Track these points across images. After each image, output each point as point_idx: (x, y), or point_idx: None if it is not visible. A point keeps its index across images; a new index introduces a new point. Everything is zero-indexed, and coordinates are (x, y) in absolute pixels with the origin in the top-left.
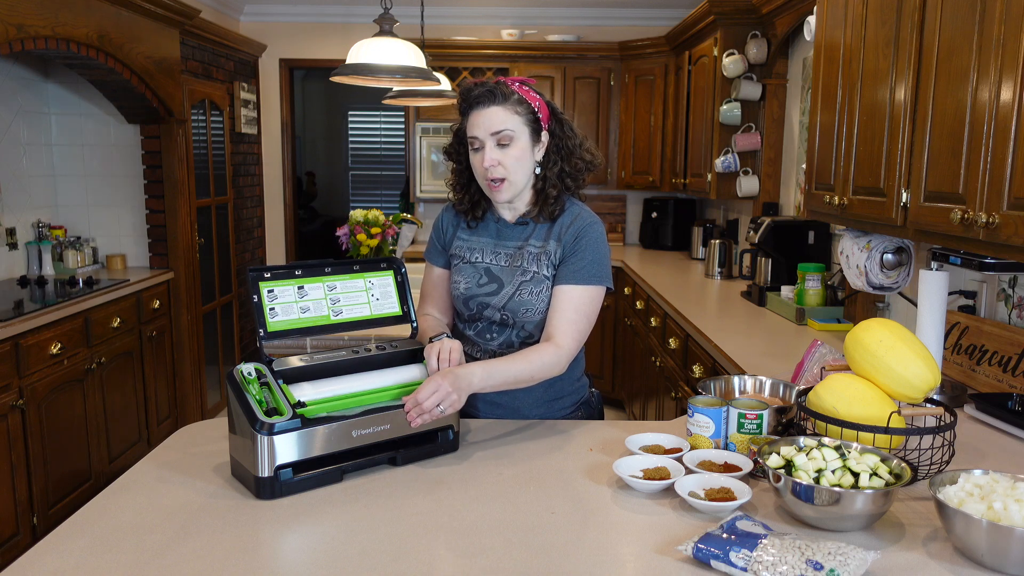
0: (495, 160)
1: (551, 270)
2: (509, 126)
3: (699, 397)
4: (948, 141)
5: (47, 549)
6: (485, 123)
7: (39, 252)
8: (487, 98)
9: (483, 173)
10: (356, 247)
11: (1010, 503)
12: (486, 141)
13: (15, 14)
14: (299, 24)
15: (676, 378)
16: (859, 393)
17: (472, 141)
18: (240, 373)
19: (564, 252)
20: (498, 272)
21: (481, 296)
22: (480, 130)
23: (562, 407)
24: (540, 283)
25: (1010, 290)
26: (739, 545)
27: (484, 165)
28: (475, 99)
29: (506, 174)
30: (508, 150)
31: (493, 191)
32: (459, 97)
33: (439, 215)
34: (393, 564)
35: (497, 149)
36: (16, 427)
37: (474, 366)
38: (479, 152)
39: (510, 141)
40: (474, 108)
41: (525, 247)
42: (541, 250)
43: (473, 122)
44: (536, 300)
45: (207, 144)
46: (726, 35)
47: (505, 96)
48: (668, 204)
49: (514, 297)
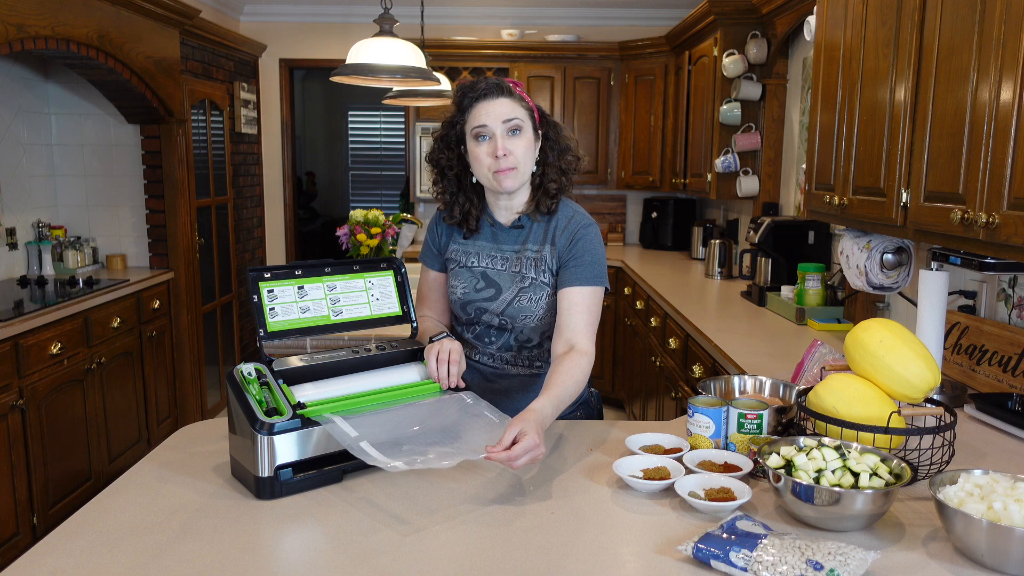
0: (507, 148)
1: (548, 276)
2: (518, 116)
3: (699, 397)
4: (948, 141)
5: (47, 549)
6: (496, 112)
7: (39, 252)
8: (496, 90)
9: (490, 164)
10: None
11: (1010, 503)
12: (496, 130)
13: (15, 14)
14: (299, 24)
15: (676, 378)
16: (859, 393)
17: (479, 132)
18: (240, 373)
19: (561, 256)
20: (495, 277)
21: (479, 301)
22: (491, 119)
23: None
24: (539, 290)
25: (1010, 290)
26: (739, 545)
27: (497, 153)
28: (484, 91)
29: (516, 163)
30: (518, 139)
31: (501, 178)
32: (459, 92)
33: (433, 218)
34: (393, 564)
35: (508, 137)
36: (16, 427)
37: (544, 407)
38: (486, 142)
39: (519, 130)
40: (483, 99)
41: (523, 251)
42: (538, 255)
43: (481, 112)
44: (535, 307)
45: (207, 144)
46: (726, 35)
47: (511, 90)
48: (668, 204)
49: (513, 303)
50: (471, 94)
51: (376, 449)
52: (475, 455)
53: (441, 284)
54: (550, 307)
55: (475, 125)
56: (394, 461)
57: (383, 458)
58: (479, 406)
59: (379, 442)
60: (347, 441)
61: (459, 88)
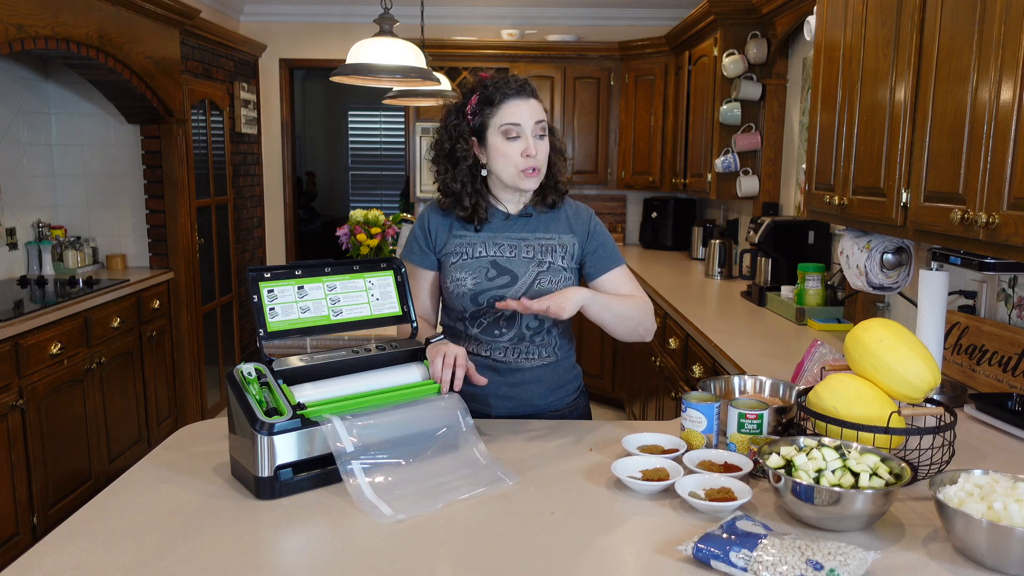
0: (537, 149)
1: (570, 261)
2: (545, 118)
3: (692, 393)
4: (948, 141)
5: (47, 549)
6: (529, 112)
7: (39, 252)
8: (527, 90)
9: (519, 163)
10: (356, 247)
11: (1010, 503)
12: (528, 130)
13: (15, 14)
14: (299, 24)
15: (676, 378)
16: (859, 393)
17: (509, 130)
18: (240, 373)
19: (586, 246)
20: (507, 264)
21: (494, 289)
22: (525, 118)
23: (566, 393)
24: (558, 272)
25: (1010, 290)
26: (739, 545)
27: (528, 153)
28: (518, 88)
29: (541, 164)
30: (543, 141)
31: (527, 178)
32: (489, 86)
33: (424, 216)
34: (393, 564)
35: (536, 139)
36: (16, 427)
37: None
38: (516, 141)
39: (545, 132)
40: (516, 96)
41: (536, 238)
42: (556, 242)
43: (513, 110)
44: (556, 288)
45: (207, 144)
46: (726, 35)
47: (536, 92)
48: (668, 204)
49: (533, 286)
50: (504, 89)
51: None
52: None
53: (431, 282)
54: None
55: (508, 122)
56: (384, 507)
57: (374, 498)
58: (470, 443)
59: (375, 458)
60: (340, 459)
61: (487, 82)
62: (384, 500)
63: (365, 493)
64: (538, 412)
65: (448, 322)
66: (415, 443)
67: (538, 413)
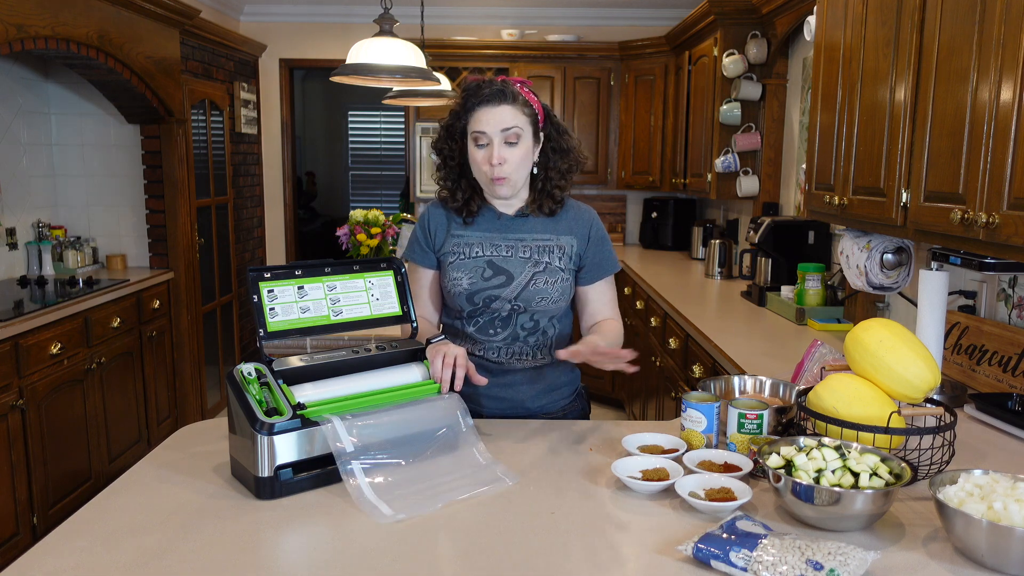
0: (503, 157)
1: (568, 263)
2: (518, 124)
3: (692, 393)
4: (948, 141)
5: (47, 549)
6: (496, 120)
7: (39, 252)
8: (498, 96)
9: (486, 170)
10: (356, 247)
11: (1010, 503)
12: (494, 137)
13: (15, 14)
14: (299, 24)
15: (676, 378)
16: (859, 393)
17: (477, 137)
18: (240, 373)
19: (585, 253)
20: (503, 264)
21: (489, 289)
22: (490, 126)
23: (560, 396)
24: (555, 274)
25: (1010, 290)
26: (739, 545)
27: (492, 162)
28: (486, 96)
29: (509, 172)
30: (514, 149)
31: (496, 186)
32: (464, 93)
33: (424, 215)
34: (393, 564)
35: (505, 147)
36: (16, 427)
37: (596, 338)
38: (484, 148)
39: (517, 139)
40: (484, 104)
41: (533, 239)
42: (554, 243)
43: (482, 118)
44: (552, 289)
45: (207, 144)
46: (726, 35)
47: (514, 96)
48: (668, 204)
49: (528, 287)
50: (474, 98)
51: (369, 476)
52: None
53: (432, 281)
54: (564, 291)
55: (475, 129)
56: (384, 507)
57: (374, 498)
58: (470, 443)
59: (375, 458)
60: (340, 459)
61: (465, 87)
62: (384, 500)
63: (365, 493)
64: (530, 414)
65: (448, 320)
66: (415, 443)
67: (530, 415)
